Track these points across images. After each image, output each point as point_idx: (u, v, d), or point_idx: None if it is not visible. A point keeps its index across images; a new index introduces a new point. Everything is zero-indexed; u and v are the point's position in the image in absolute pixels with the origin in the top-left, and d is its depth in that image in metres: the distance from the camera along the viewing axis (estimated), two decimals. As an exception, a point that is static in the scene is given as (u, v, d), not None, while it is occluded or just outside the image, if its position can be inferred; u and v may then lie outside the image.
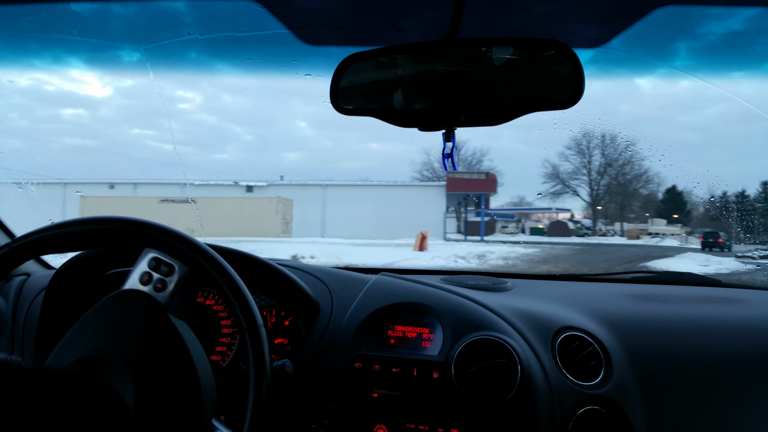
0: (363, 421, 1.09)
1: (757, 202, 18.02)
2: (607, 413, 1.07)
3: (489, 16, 1.12)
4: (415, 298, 1.23)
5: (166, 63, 1.62)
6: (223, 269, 0.90)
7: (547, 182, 46.15)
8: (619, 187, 49.82)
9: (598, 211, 49.42)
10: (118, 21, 1.54)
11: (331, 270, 1.42)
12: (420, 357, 1.12)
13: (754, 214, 22.04)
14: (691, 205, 64.94)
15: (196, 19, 1.44)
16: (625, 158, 48.22)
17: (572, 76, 0.91)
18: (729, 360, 1.16)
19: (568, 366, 1.12)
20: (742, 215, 10.54)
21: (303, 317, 1.29)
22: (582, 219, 51.15)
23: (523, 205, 52.34)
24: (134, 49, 1.55)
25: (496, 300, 1.26)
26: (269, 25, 1.21)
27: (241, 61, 1.66)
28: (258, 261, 1.24)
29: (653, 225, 51.94)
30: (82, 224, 0.93)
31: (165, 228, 0.92)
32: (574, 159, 48.66)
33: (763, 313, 1.33)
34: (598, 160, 47.76)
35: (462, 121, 0.97)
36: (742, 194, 31.21)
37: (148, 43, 1.52)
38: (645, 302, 1.40)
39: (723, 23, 1.48)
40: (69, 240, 0.94)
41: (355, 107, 1.04)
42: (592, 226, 48.07)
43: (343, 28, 1.20)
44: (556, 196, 46.07)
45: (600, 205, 49.48)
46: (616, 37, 1.18)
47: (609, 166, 48.04)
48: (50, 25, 1.46)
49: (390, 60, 1.03)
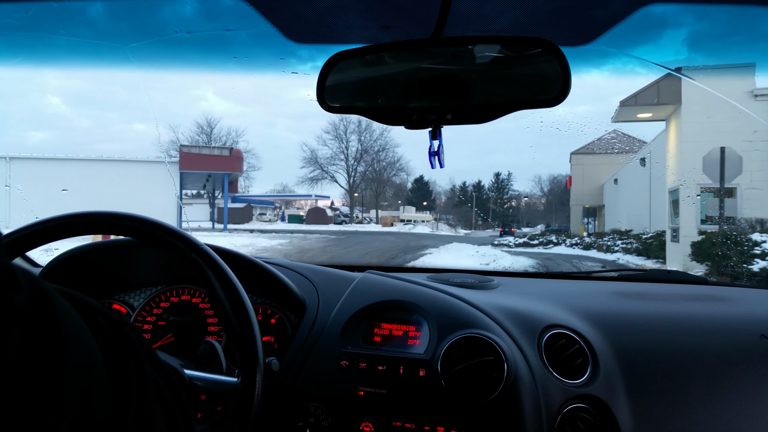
0: (349, 419, 1.09)
1: (491, 191, 20.08)
2: (593, 411, 1.08)
3: (476, 14, 1.12)
4: (401, 296, 1.23)
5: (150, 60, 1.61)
6: (216, 264, 0.93)
7: (305, 167, 46.76)
8: (374, 174, 50.99)
9: (355, 198, 50.24)
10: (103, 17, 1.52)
11: (317, 268, 1.42)
12: (406, 355, 1.12)
13: (489, 203, 25.64)
14: (435, 194, 67.12)
15: (181, 17, 1.43)
16: (380, 145, 48.78)
17: (559, 73, 0.92)
18: (714, 357, 1.17)
19: (554, 364, 1.13)
20: (479, 204, 11.58)
21: (289, 315, 1.29)
22: (341, 206, 51.72)
23: (286, 192, 52.24)
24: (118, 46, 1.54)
25: (482, 298, 1.26)
26: (256, 23, 1.20)
27: (227, 58, 1.65)
28: (243, 258, 1.23)
29: (405, 212, 53.42)
30: (69, 219, 0.96)
31: (161, 224, 0.95)
32: (332, 144, 49.01)
33: (748, 310, 1.34)
34: (355, 146, 48.35)
35: (449, 119, 0.97)
36: (478, 184, 33.12)
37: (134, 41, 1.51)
38: (631, 300, 1.41)
39: (709, 21, 1.49)
40: (55, 233, 0.96)
41: (342, 105, 1.04)
42: (350, 214, 48.26)
43: (330, 25, 1.20)
44: (315, 181, 46.45)
45: (357, 192, 50.28)
46: (603, 35, 1.19)
47: (365, 152, 48.77)
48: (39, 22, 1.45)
49: (376, 58, 1.03)
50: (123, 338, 0.49)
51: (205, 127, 46.63)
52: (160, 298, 1.37)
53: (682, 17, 1.41)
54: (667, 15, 1.34)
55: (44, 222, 0.98)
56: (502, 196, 66.96)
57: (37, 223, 0.97)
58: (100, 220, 0.97)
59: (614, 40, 1.19)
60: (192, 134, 45.06)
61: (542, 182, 61.00)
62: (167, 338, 1.32)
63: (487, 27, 1.18)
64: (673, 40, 1.51)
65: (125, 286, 1.40)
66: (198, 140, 43.45)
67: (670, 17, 1.37)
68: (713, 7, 1.30)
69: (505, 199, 66.89)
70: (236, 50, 1.54)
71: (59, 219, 0.98)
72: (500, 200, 66.26)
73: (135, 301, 1.38)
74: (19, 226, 0.98)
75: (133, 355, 0.48)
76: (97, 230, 0.98)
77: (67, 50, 1.63)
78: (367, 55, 1.02)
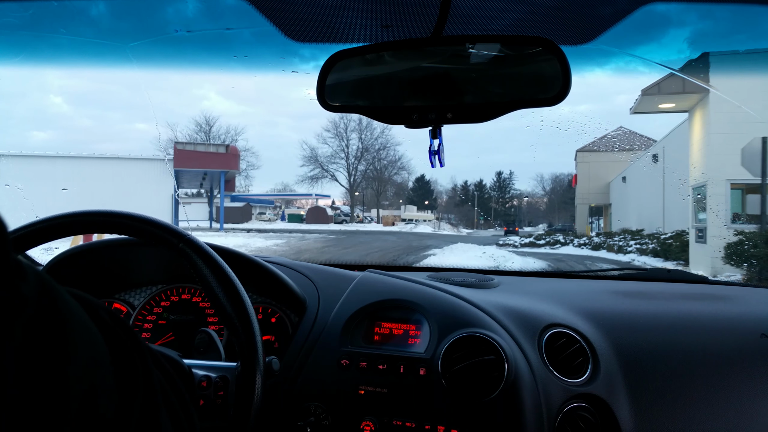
0: (350, 418, 1.09)
1: (493, 190, 19.87)
2: (593, 410, 1.08)
3: (476, 13, 1.12)
4: (401, 295, 1.23)
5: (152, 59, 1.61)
6: (205, 253, 0.93)
7: (305, 165, 46.26)
8: (375, 173, 50.69)
9: (356, 197, 50.02)
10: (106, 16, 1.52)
11: (317, 267, 1.42)
12: (407, 354, 1.12)
13: (490, 202, 25.08)
14: (437, 193, 67.07)
15: (182, 16, 1.43)
16: (381, 143, 48.42)
17: (559, 72, 0.91)
18: (715, 356, 1.17)
19: (554, 363, 1.13)
20: (481, 203, 11.25)
21: (290, 314, 1.29)
22: (341, 206, 51.36)
23: (287, 191, 51.77)
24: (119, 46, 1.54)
25: (482, 297, 1.26)
26: (256, 22, 1.20)
27: (228, 58, 1.65)
28: (244, 257, 1.24)
29: (406, 211, 53.20)
30: (70, 217, 0.95)
31: (152, 220, 0.95)
32: (332, 142, 48.62)
33: (749, 309, 1.34)
34: (356, 144, 48.04)
35: (449, 118, 0.97)
36: (480, 183, 32.71)
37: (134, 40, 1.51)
38: (631, 299, 1.41)
39: (710, 20, 1.49)
40: (42, 235, 0.96)
41: (342, 104, 1.04)
42: (350, 213, 47.96)
43: (330, 24, 1.20)
44: (315, 180, 46.10)
45: (358, 191, 49.95)
46: (603, 34, 1.19)
47: (366, 150, 48.40)
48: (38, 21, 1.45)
49: (377, 57, 1.03)
50: (128, 335, 0.49)
51: (203, 125, 46.23)
52: (160, 297, 1.38)
53: (682, 16, 1.41)
54: (668, 13, 1.34)
55: (30, 225, 0.97)
56: (504, 196, 66.98)
57: (25, 226, 0.97)
58: (87, 219, 0.96)
59: (615, 39, 1.19)
60: (190, 132, 44.65)
61: (544, 181, 61.02)
62: (168, 337, 1.32)
63: (487, 26, 1.18)
64: (675, 38, 1.50)
65: (125, 285, 1.40)
66: (196, 138, 42.96)
67: (670, 16, 1.37)
68: (714, 6, 1.30)
69: (507, 198, 66.92)
70: (238, 49, 1.54)
71: (46, 221, 0.97)
72: (502, 199, 66.26)
73: (135, 300, 1.38)
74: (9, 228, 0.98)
75: (139, 352, 0.49)
76: (85, 230, 0.97)
77: (69, 49, 1.63)
78: (367, 54, 1.02)
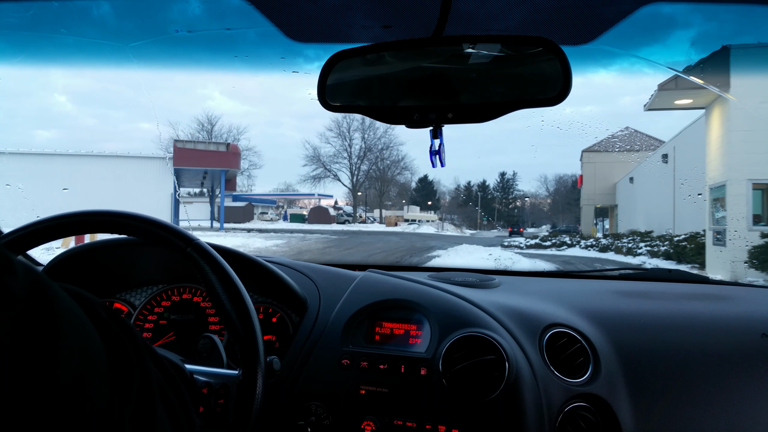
0: (351, 418, 1.09)
1: (496, 191, 19.71)
2: (594, 410, 1.08)
3: (476, 13, 1.12)
4: (402, 295, 1.23)
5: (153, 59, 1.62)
6: (213, 258, 0.93)
7: (308, 165, 45.50)
8: (378, 172, 50.10)
9: (359, 198, 49.56)
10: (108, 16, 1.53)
11: (318, 267, 1.42)
12: (408, 354, 1.12)
13: (494, 203, 24.63)
14: (440, 194, 66.75)
15: (183, 16, 1.43)
16: (384, 143, 47.92)
17: (559, 72, 0.91)
18: (717, 356, 1.16)
19: (555, 363, 1.12)
20: (484, 204, 11.05)
21: (290, 314, 1.29)
22: (344, 206, 50.85)
23: (290, 191, 51.36)
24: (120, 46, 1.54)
25: (483, 297, 1.26)
26: (257, 22, 1.20)
27: (231, 58, 1.66)
28: (245, 257, 1.24)
29: (409, 212, 52.91)
30: (72, 217, 0.95)
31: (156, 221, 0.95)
32: (335, 141, 48.03)
33: (750, 309, 1.34)
34: (359, 144, 47.36)
35: (449, 118, 0.97)
36: (483, 184, 32.36)
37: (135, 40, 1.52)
38: (632, 299, 1.40)
39: (715, 22, 1.49)
40: (47, 234, 0.96)
41: (343, 104, 1.05)
42: (353, 213, 47.65)
43: (331, 25, 1.20)
44: (317, 180, 45.42)
45: (360, 191, 49.36)
46: (604, 34, 1.19)
47: (369, 150, 47.87)
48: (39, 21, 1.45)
49: (377, 57, 1.03)
50: (125, 332, 0.49)
51: (205, 124, 45.78)
52: (161, 297, 1.38)
53: (683, 16, 1.41)
54: (669, 14, 1.34)
55: (36, 223, 0.97)
56: (507, 196, 66.84)
57: (30, 224, 0.97)
58: (94, 218, 0.96)
59: (616, 40, 1.19)
60: (192, 131, 44.29)
61: (548, 182, 60.70)
62: (168, 337, 1.32)
63: (487, 26, 1.18)
64: (677, 39, 1.50)
65: (126, 284, 1.40)
66: (198, 137, 42.64)
67: (671, 16, 1.37)
68: (716, 6, 1.29)
69: (510, 199, 66.79)
70: (240, 49, 1.54)
71: (51, 220, 0.97)
72: (505, 200, 66.11)
73: (136, 299, 1.39)
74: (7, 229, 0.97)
75: (136, 348, 0.49)
76: (91, 229, 0.97)
77: (70, 49, 1.64)
78: (368, 55, 1.02)
